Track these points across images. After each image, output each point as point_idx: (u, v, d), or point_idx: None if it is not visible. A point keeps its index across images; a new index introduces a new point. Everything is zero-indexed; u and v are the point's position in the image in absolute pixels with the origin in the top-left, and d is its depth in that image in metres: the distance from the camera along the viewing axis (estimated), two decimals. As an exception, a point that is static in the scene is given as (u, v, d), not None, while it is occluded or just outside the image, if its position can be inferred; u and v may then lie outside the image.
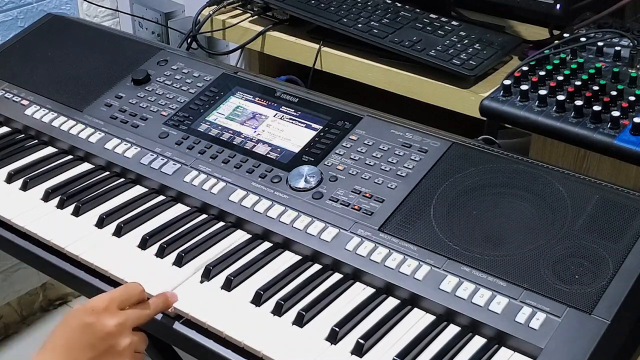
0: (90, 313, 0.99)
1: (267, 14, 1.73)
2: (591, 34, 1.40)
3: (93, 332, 0.98)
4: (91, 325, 0.98)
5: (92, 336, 0.98)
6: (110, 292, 1.04)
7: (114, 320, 1.00)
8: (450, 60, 1.43)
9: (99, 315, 0.99)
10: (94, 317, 0.99)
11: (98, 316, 0.99)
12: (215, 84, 1.45)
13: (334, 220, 1.15)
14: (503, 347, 0.98)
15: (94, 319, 0.99)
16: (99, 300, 1.02)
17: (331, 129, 1.30)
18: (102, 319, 0.99)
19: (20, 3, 2.31)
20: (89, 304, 1.02)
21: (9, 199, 1.30)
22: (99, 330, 0.98)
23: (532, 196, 1.12)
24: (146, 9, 2.28)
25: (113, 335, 0.99)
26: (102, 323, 0.99)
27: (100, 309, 1.00)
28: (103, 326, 0.99)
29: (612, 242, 1.04)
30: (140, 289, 1.05)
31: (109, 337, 0.99)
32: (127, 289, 1.05)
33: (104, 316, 0.99)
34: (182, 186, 1.27)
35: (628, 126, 1.18)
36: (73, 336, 0.98)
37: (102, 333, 0.99)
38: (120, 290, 1.04)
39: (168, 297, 1.08)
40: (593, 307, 0.97)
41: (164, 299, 1.08)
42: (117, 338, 1.00)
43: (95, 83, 1.51)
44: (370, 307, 1.05)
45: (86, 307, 1.01)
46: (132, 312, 1.03)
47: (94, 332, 0.98)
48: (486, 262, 1.05)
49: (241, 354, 1.01)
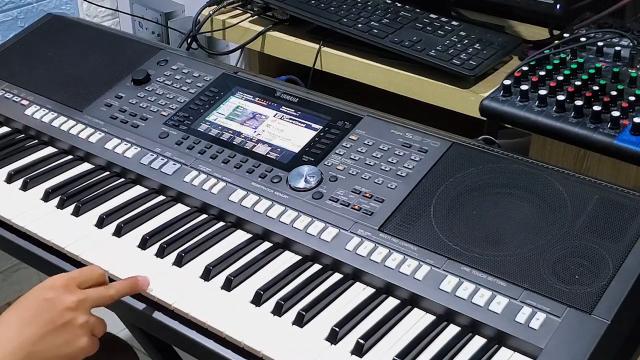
0: (48, 289, 1.01)
1: (267, 14, 1.73)
2: (591, 34, 1.40)
3: (51, 307, 0.99)
4: (50, 300, 0.99)
5: (50, 311, 0.99)
6: (70, 272, 1.05)
7: (73, 296, 1.01)
8: (450, 60, 1.43)
9: (57, 290, 1.00)
10: (53, 292, 1.00)
11: (57, 292, 1.00)
12: (215, 84, 1.45)
13: (334, 220, 1.15)
14: (503, 347, 0.98)
15: (53, 294, 1.00)
16: (58, 278, 1.03)
17: (331, 129, 1.30)
18: (61, 295, 1.00)
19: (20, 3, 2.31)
20: (46, 281, 1.03)
21: (9, 199, 1.30)
22: (57, 305, 0.99)
23: (532, 196, 1.12)
24: (146, 9, 2.29)
25: (71, 310, 1.00)
26: (60, 298, 1.00)
27: (58, 285, 1.01)
28: (61, 302, 1.00)
29: (612, 242, 1.04)
30: (99, 272, 1.06)
31: (66, 312, 0.99)
32: (86, 270, 1.06)
33: (62, 292, 1.00)
34: (182, 186, 1.27)
35: (628, 126, 1.18)
36: (30, 311, 0.99)
37: (60, 308, 0.99)
38: (79, 271, 1.05)
39: (138, 280, 1.08)
40: (593, 307, 0.97)
41: (131, 282, 1.08)
42: (75, 313, 1.00)
43: (95, 83, 1.51)
44: (370, 307, 1.05)
45: (45, 284, 1.02)
46: (92, 290, 1.04)
47: (53, 307, 0.99)
48: (486, 262, 1.05)
49: (241, 354, 1.01)
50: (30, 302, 1.00)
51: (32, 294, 1.01)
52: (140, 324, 1.14)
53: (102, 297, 1.04)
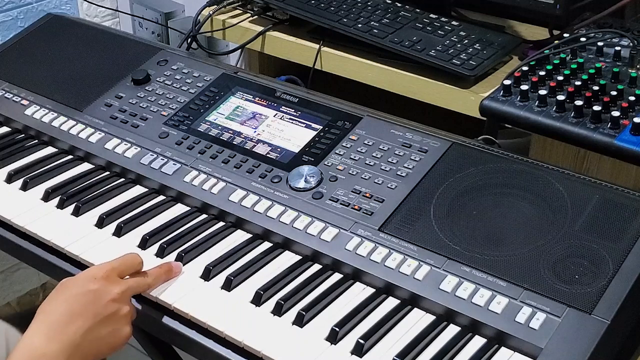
0: (92, 280, 1.01)
1: (267, 14, 1.73)
2: (591, 34, 1.40)
3: (96, 299, 0.99)
4: (94, 292, 1.00)
5: (95, 303, 0.99)
6: (110, 262, 1.05)
7: (117, 287, 1.02)
8: (450, 60, 1.43)
9: (101, 282, 1.01)
10: (97, 284, 1.00)
11: (100, 283, 1.01)
12: (215, 84, 1.45)
13: (334, 220, 1.15)
14: (503, 347, 0.98)
15: (98, 286, 1.00)
16: (100, 269, 1.03)
17: (331, 129, 1.30)
18: (106, 286, 1.01)
19: (20, 3, 2.31)
20: (88, 272, 1.03)
21: (9, 199, 1.30)
22: (103, 297, 1.00)
23: (532, 196, 1.12)
24: (146, 9, 2.29)
25: (115, 302, 1.01)
26: (106, 290, 1.00)
27: (101, 276, 1.01)
28: (107, 293, 1.00)
29: (612, 242, 1.04)
30: (139, 260, 1.07)
31: (112, 303, 1.00)
32: (126, 259, 1.07)
33: (106, 283, 1.01)
34: (182, 186, 1.27)
35: (628, 126, 1.18)
36: (74, 303, 0.99)
37: (105, 300, 1.00)
38: (119, 260, 1.06)
39: (172, 267, 1.10)
40: (593, 307, 0.97)
41: (166, 269, 1.09)
42: (119, 305, 1.01)
43: (95, 83, 1.50)
44: (370, 307, 1.05)
45: (87, 276, 1.02)
46: (133, 280, 1.05)
47: (98, 299, 0.99)
48: (486, 262, 1.05)
49: (241, 354, 1.01)
50: (76, 294, 1.00)
51: (76, 285, 1.01)
52: (140, 324, 1.14)
53: (141, 285, 1.06)
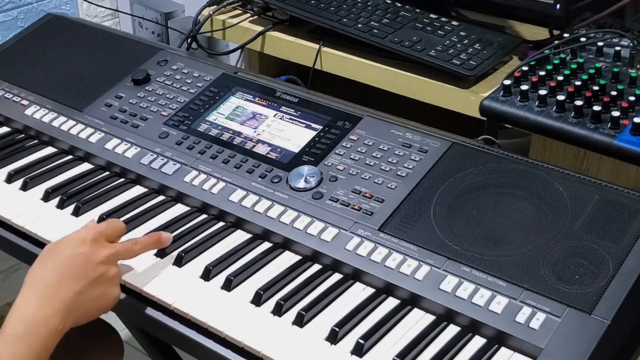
0: (80, 244, 1.02)
1: (267, 14, 1.73)
2: (591, 34, 1.40)
3: (85, 261, 1.01)
4: (83, 255, 1.01)
5: (84, 266, 1.01)
6: (96, 226, 1.07)
7: (105, 251, 1.04)
8: (450, 60, 1.43)
9: (89, 245, 1.02)
10: (86, 247, 1.02)
11: (89, 246, 1.02)
12: (215, 84, 1.45)
13: (334, 220, 1.15)
14: (503, 347, 0.98)
15: (87, 249, 1.02)
16: (87, 232, 1.05)
17: (331, 129, 1.30)
18: (94, 249, 1.02)
19: (20, 3, 2.31)
20: (76, 235, 1.04)
21: (9, 199, 1.30)
22: (92, 259, 1.02)
23: (532, 196, 1.12)
24: (146, 9, 2.29)
25: (104, 264, 1.03)
26: (94, 252, 1.02)
27: (90, 240, 1.03)
28: (96, 255, 1.02)
29: (612, 242, 1.04)
30: (122, 225, 1.10)
31: (100, 265, 1.02)
32: (111, 223, 1.09)
33: (95, 246, 1.03)
34: (182, 186, 1.27)
35: (628, 126, 1.18)
36: (64, 267, 1.00)
37: (94, 262, 1.02)
38: (106, 224, 1.08)
39: (161, 236, 1.12)
40: (593, 307, 0.97)
41: (155, 238, 1.11)
42: (107, 267, 1.03)
43: (95, 83, 1.50)
44: (370, 307, 1.05)
45: (74, 239, 1.04)
46: (119, 245, 1.08)
47: (87, 261, 1.01)
48: (486, 262, 1.05)
49: (241, 354, 1.01)
50: (65, 257, 1.01)
51: (64, 248, 1.02)
52: (140, 324, 1.14)
53: (129, 250, 1.08)
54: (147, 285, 1.09)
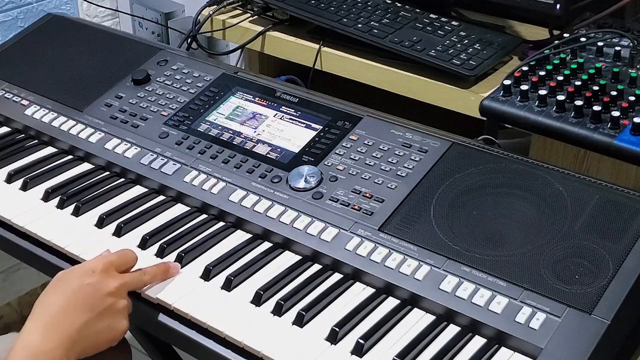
0: (89, 274, 1.00)
1: (267, 14, 1.73)
2: (591, 34, 1.40)
3: (93, 292, 0.99)
4: (91, 286, 0.99)
5: (91, 296, 0.99)
6: (107, 256, 1.05)
7: (114, 282, 1.01)
8: (450, 60, 1.43)
9: (98, 276, 1.00)
10: (95, 277, 1.00)
11: (98, 277, 1.00)
12: (215, 84, 1.45)
13: (334, 220, 1.15)
14: (503, 347, 0.98)
15: (95, 280, 1.00)
16: (97, 262, 1.02)
17: (331, 129, 1.30)
18: (103, 280, 1.00)
19: (20, 3, 2.31)
20: (86, 265, 1.02)
21: (9, 199, 1.30)
22: (100, 290, 0.99)
23: (532, 196, 1.12)
24: (146, 9, 2.29)
25: (112, 296, 1.00)
26: (103, 283, 1.00)
27: (99, 270, 1.01)
28: (104, 286, 1.00)
29: (612, 242, 1.04)
30: (134, 255, 1.07)
31: (108, 297, 1.00)
32: (122, 253, 1.07)
33: (103, 277, 1.01)
34: (182, 186, 1.27)
35: (628, 126, 1.18)
36: (71, 297, 0.98)
37: (102, 293, 0.99)
38: (117, 255, 1.06)
39: (170, 267, 1.10)
40: (593, 307, 0.97)
41: (164, 268, 1.10)
42: (116, 299, 1.01)
43: (95, 83, 1.51)
44: (370, 307, 1.05)
45: (84, 269, 1.01)
46: (129, 276, 1.05)
47: (94, 292, 0.99)
48: (486, 262, 1.05)
49: (241, 354, 1.01)
50: (73, 286, 0.99)
51: (73, 278, 1.00)
52: (140, 324, 1.14)
53: (138, 281, 1.06)
54: (147, 286, 1.09)
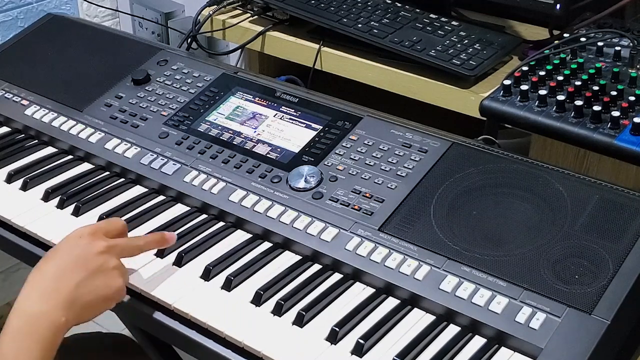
0: (78, 238, 1.04)
1: (267, 14, 1.73)
2: (591, 34, 1.40)
3: (84, 253, 1.02)
4: (80, 247, 1.02)
5: (82, 258, 1.01)
6: (97, 223, 1.10)
7: (103, 242, 1.04)
8: (450, 60, 1.43)
9: (86, 238, 1.04)
10: (83, 240, 1.03)
11: (86, 239, 1.04)
12: (215, 84, 1.45)
13: (334, 220, 1.15)
14: (503, 347, 0.98)
15: (84, 242, 1.03)
16: (85, 227, 1.06)
17: (331, 129, 1.30)
18: (92, 241, 1.03)
19: (20, 3, 2.31)
20: (75, 232, 1.06)
21: (9, 199, 1.30)
22: (89, 250, 1.02)
23: (532, 196, 1.12)
24: (146, 9, 2.29)
25: (102, 254, 1.03)
26: (92, 244, 1.03)
27: (86, 234, 1.04)
28: (93, 247, 1.03)
29: (612, 242, 1.04)
30: (122, 222, 1.10)
31: (98, 256, 1.02)
32: (109, 220, 1.11)
33: (92, 239, 1.04)
34: (182, 186, 1.27)
35: (628, 126, 1.18)
36: (62, 261, 1.01)
37: (92, 253, 1.02)
38: (104, 221, 1.11)
39: (165, 236, 1.12)
40: (593, 307, 0.97)
41: (158, 237, 1.12)
42: (106, 257, 1.03)
43: (95, 83, 1.50)
44: (370, 307, 1.05)
45: (73, 235, 1.05)
46: (120, 239, 1.08)
47: (85, 253, 1.02)
48: (486, 262, 1.05)
49: (241, 354, 1.01)
50: (63, 252, 1.02)
51: (63, 245, 1.04)
52: (140, 324, 1.14)
53: (130, 245, 1.08)
54: (147, 285, 1.09)
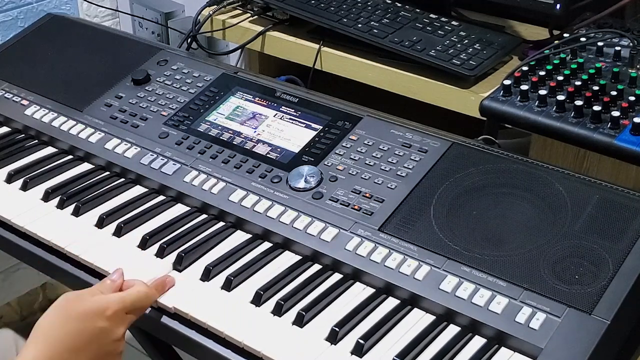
0: (100, 317, 0.99)
1: (267, 14, 1.73)
2: (591, 34, 1.40)
3: (102, 337, 0.99)
4: (102, 330, 0.99)
5: (97, 342, 0.98)
6: (124, 297, 1.02)
7: (124, 327, 1.01)
8: (450, 60, 1.43)
9: (111, 321, 0.99)
10: (107, 322, 0.99)
11: (110, 322, 0.99)
12: (215, 84, 1.45)
13: (334, 220, 1.15)
14: (503, 347, 0.98)
15: (107, 325, 0.99)
16: (110, 304, 1.00)
17: (331, 129, 1.30)
18: (114, 326, 1.00)
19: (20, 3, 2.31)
20: (99, 304, 1.00)
21: (9, 199, 1.30)
22: (108, 337, 0.99)
23: (532, 196, 1.12)
24: (146, 9, 2.29)
25: (119, 342, 1.01)
26: (114, 330, 1.00)
27: (112, 313, 1.00)
28: (114, 333, 1.00)
29: (612, 242, 1.04)
30: (150, 299, 1.05)
31: (114, 343, 1.00)
32: (140, 298, 1.04)
33: (115, 322, 1.00)
34: (182, 186, 1.27)
35: (628, 126, 1.18)
36: (77, 337, 0.97)
37: (110, 339, 1.00)
38: (134, 297, 1.03)
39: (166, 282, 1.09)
40: (593, 307, 0.97)
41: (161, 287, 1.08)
42: (121, 343, 1.01)
43: (95, 83, 1.50)
44: (370, 307, 1.05)
45: (97, 309, 0.99)
46: (135, 314, 1.04)
47: (101, 338, 0.99)
48: (486, 262, 1.05)
49: (241, 354, 1.01)
50: (80, 327, 0.97)
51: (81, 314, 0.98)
52: (140, 324, 1.14)
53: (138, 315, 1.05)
54: (147, 285, 1.09)
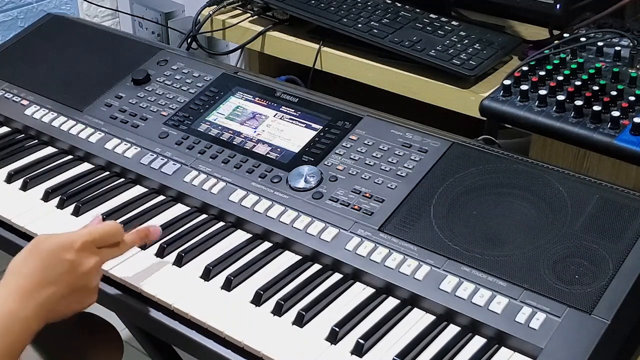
0: (69, 249, 0.99)
1: (267, 14, 1.73)
2: (591, 34, 1.40)
3: (71, 269, 0.99)
4: (70, 262, 0.99)
5: (69, 273, 0.99)
6: (91, 230, 1.03)
7: (93, 260, 1.01)
8: (450, 60, 1.43)
9: (79, 253, 1.00)
10: (76, 255, 0.99)
11: (79, 254, 1.00)
12: (215, 84, 1.45)
13: (334, 220, 1.15)
14: (503, 347, 0.98)
15: (75, 257, 0.99)
16: (78, 238, 1.01)
17: (331, 129, 1.30)
18: (83, 258, 1.00)
19: (20, 3, 2.31)
20: (67, 239, 1.01)
21: (9, 199, 1.30)
22: (77, 268, 0.99)
23: (532, 196, 1.12)
24: (146, 9, 2.29)
25: (88, 274, 1.00)
26: (83, 262, 1.00)
27: (80, 246, 1.00)
28: (83, 265, 1.00)
29: (612, 242, 1.04)
30: (118, 229, 1.06)
31: (85, 276, 1.00)
32: (108, 231, 1.05)
33: (84, 255, 1.00)
34: (182, 186, 1.27)
35: (628, 126, 1.18)
36: (49, 270, 0.98)
37: (79, 272, 0.99)
38: (101, 231, 1.04)
39: (150, 232, 1.10)
40: (593, 307, 0.97)
41: (143, 234, 1.09)
42: (92, 276, 1.01)
43: (95, 83, 1.50)
44: (370, 307, 1.05)
45: (64, 242, 1.00)
46: (107, 252, 1.05)
47: (71, 270, 0.99)
48: (486, 262, 1.05)
49: (241, 354, 1.01)
50: (51, 260, 0.98)
51: (52, 250, 0.99)
52: (140, 324, 1.14)
53: (114, 254, 1.06)
54: (147, 285, 1.09)
